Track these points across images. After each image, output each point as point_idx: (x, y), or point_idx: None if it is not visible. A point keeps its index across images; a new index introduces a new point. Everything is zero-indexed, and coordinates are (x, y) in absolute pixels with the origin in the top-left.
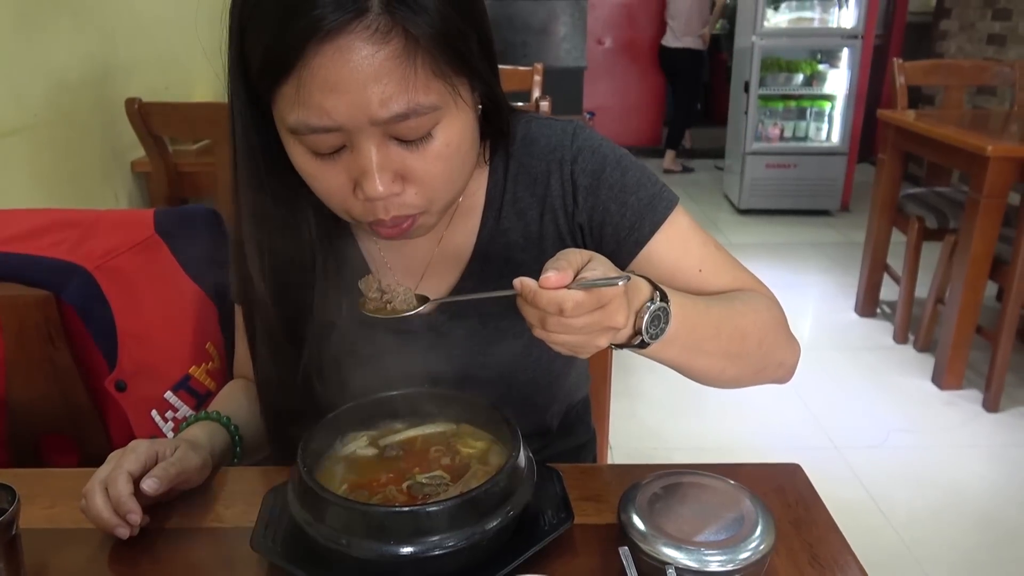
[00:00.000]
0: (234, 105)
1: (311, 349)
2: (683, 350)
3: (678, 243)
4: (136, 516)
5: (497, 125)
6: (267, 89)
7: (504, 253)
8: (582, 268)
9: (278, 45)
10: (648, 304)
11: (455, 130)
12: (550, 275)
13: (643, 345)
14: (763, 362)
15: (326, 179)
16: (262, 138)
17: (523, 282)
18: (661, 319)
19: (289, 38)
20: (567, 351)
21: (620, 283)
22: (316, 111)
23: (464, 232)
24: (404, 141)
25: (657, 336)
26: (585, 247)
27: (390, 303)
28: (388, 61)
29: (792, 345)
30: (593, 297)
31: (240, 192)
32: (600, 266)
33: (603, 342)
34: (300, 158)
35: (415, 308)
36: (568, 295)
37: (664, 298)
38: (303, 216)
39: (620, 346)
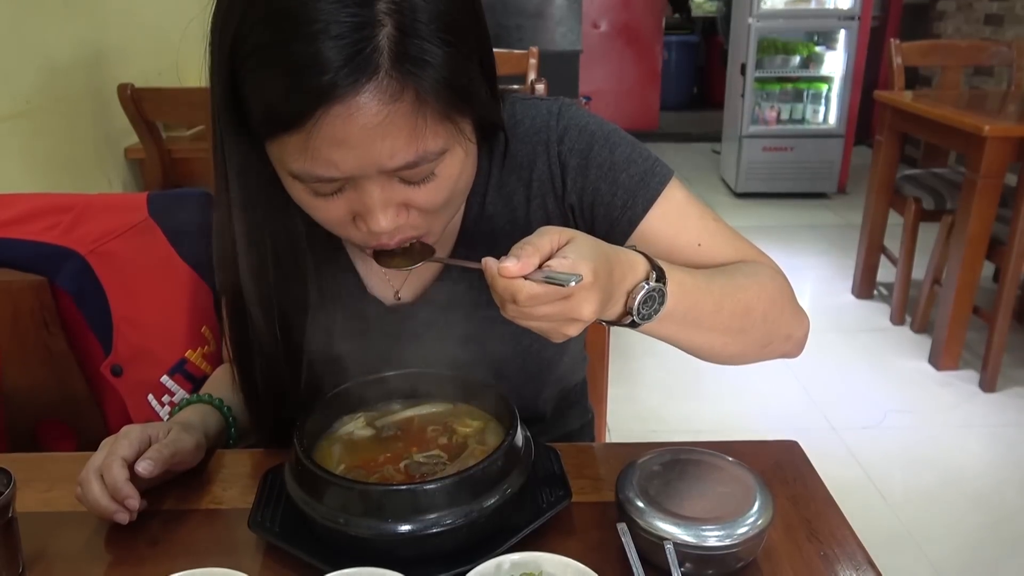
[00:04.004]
0: (222, 133)
1: (308, 351)
2: (681, 327)
3: (675, 219)
4: (135, 501)
5: (490, 128)
6: (268, 135)
7: (489, 239)
8: (556, 251)
9: (284, 105)
10: (643, 284)
11: (457, 165)
12: (508, 264)
13: (634, 325)
14: (768, 336)
15: (326, 212)
16: (255, 162)
17: (487, 263)
18: (656, 300)
19: (298, 100)
20: (536, 332)
21: (572, 283)
22: (324, 164)
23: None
24: (408, 180)
25: (649, 317)
26: (577, 228)
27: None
28: (398, 119)
29: (800, 317)
30: (551, 291)
31: (229, 208)
32: (574, 253)
33: (572, 331)
34: (300, 195)
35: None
36: (522, 287)
37: (660, 277)
38: (295, 228)
39: (611, 323)
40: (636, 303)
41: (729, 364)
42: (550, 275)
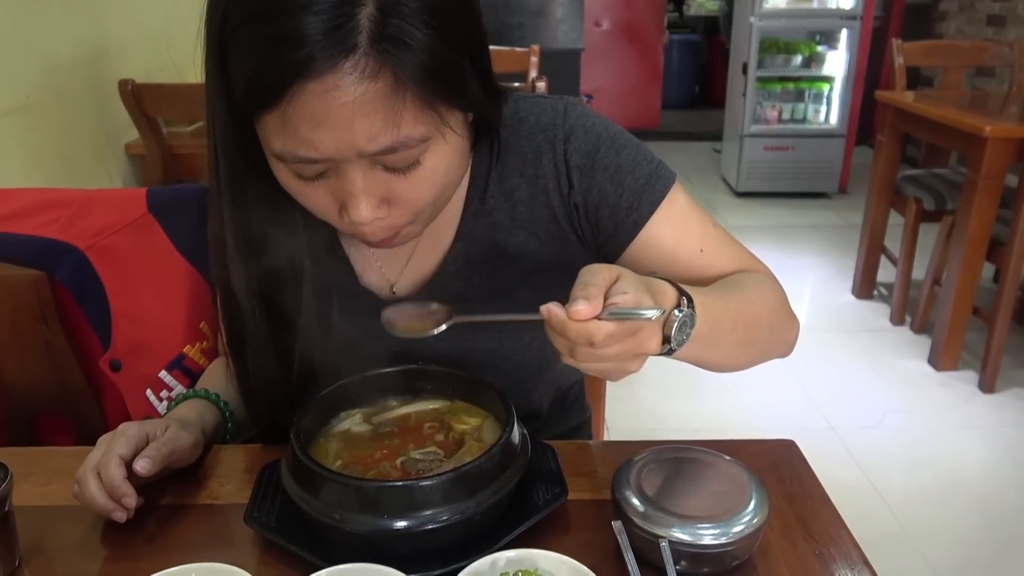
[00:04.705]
0: (214, 115)
1: (300, 344)
2: (704, 347)
3: (678, 223)
4: (131, 500)
5: (487, 122)
6: (251, 113)
7: (489, 234)
8: (611, 287)
9: (263, 79)
10: (676, 312)
11: (443, 157)
12: (579, 307)
13: (670, 352)
14: (771, 344)
15: (312, 198)
16: (245, 146)
17: (551, 310)
18: (688, 324)
19: (275, 74)
20: (597, 374)
21: (652, 315)
22: (304, 143)
23: (448, 214)
24: (391, 168)
25: (683, 342)
26: (581, 228)
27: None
28: (376, 99)
29: (794, 322)
30: (625, 327)
31: (222, 197)
32: (631, 288)
33: (635, 367)
34: (285, 178)
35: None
36: (599, 328)
37: (691, 303)
38: (290, 215)
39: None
40: (673, 331)
41: (733, 372)
42: (621, 312)
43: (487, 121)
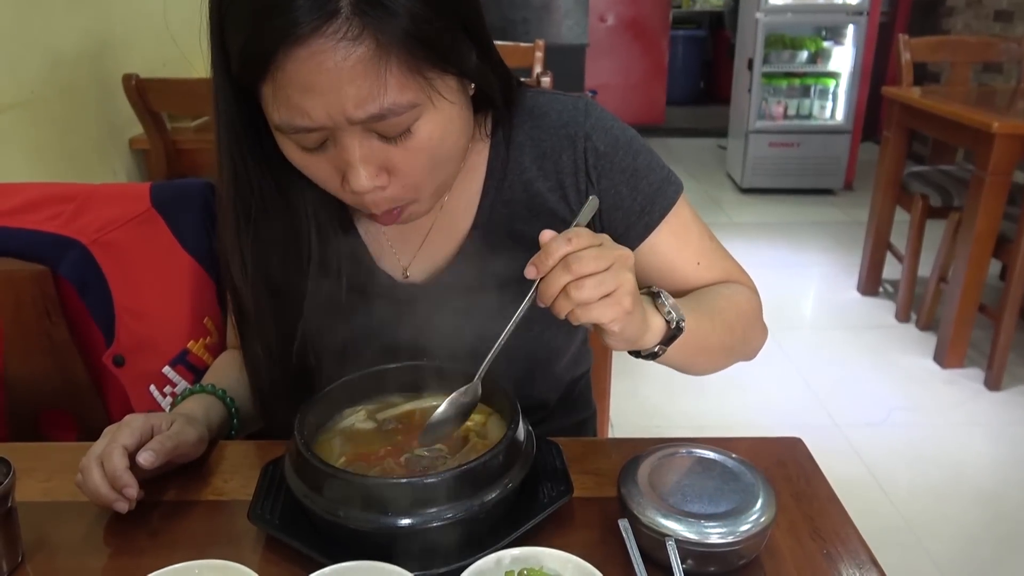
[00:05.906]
0: (219, 96)
1: (306, 328)
2: (691, 347)
3: (681, 233)
4: (133, 490)
5: (490, 97)
6: (249, 85)
7: (506, 223)
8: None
9: (252, 46)
10: (658, 296)
11: (437, 124)
12: (543, 232)
13: (679, 331)
14: (743, 350)
15: (316, 170)
16: (250, 125)
17: (531, 261)
18: (675, 305)
19: (262, 40)
20: (614, 308)
21: (595, 202)
22: (297, 112)
23: (464, 202)
24: (385, 136)
25: (683, 316)
26: (592, 228)
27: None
28: (359, 64)
29: (764, 331)
30: (588, 232)
31: (229, 177)
32: None
33: (628, 274)
34: (289, 151)
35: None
36: (567, 230)
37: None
38: (298, 195)
39: (662, 345)
40: (669, 308)
41: (707, 375)
42: (576, 219)
43: (489, 94)
